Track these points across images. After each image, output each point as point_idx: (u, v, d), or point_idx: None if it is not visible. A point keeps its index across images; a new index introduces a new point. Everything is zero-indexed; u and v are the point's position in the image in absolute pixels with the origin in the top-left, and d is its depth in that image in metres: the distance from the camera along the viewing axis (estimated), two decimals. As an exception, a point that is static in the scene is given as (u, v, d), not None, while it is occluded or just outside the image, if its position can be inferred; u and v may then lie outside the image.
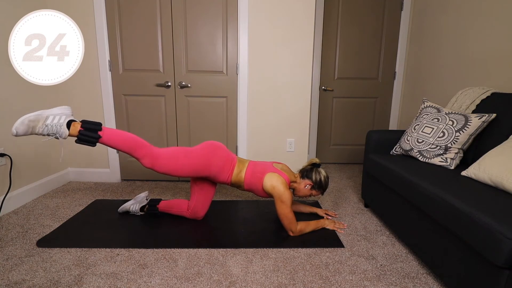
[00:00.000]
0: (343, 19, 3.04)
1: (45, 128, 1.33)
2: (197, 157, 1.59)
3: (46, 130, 1.33)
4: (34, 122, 1.30)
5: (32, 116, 1.30)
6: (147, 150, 1.52)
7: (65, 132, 1.36)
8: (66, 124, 1.37)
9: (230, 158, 1.71)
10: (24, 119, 1.28)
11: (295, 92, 2.48)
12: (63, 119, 1.36)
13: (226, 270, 1.37)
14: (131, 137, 1.50)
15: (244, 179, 1.70)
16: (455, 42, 2.36)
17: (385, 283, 1.30)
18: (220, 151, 1.67)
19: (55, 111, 1.38)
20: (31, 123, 1.30)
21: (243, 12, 2.34)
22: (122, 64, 2.43)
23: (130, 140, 1.49)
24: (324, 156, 3.38)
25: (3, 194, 1.92)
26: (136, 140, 1.51)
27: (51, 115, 1.35)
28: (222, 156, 1.67)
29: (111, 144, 1.46)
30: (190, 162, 1.57)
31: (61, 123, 1.35)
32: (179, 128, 2.55)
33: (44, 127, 1.32)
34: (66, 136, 1.37)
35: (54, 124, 1.33)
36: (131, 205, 1.89)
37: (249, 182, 1.69)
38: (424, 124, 1.77)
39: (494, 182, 1.25)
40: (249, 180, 1.69)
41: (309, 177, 1.74)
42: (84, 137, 1.39)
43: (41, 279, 1.28)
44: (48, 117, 1.34)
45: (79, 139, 1.40)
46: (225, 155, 1.69)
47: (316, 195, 1.79)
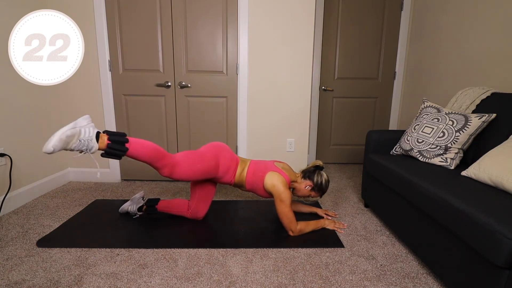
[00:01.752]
0: (343, 19, 3.04)
1: (78, 143, 1.25)
2: (208, 160, 1.60)
3: (80, 146, 1.26)
4: (70, 137, 1.22)
5: (69, 131, 1.22)
6: (168, 160, 1.47)
7: (95, 146, 1.28)
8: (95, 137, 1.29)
9: (234, 158, 1.73)
10: (61, 135, 1.19)
11: (295, 92, 2.48)
12: (92, 132, 1.29)
13: (226, 270, 1.37)
14: (155, 148, 1.44)
15: (246, 178, 1.71)
16: (455, 42, 2.36)
17: (385, 283, 1.30)
18: (226, 152, 1.70)
19: (82, 122, 1.29)
20: (68, 139, 1.21)
21: (243, 12, 2.34)
22: (122, 64, 2.43)
23: (154, 151, 1.43)
24: (324, 156, 3.38)
25: (3, 194, 1.92)
26: (159, 150, 1.45)
27: (83, 128, 1.27)
28: (228, 157, 1.69)
29: (136, 156, 1.38)
30: (203, 166, 1.57)
31: (91, 136, 1.27)
32: (179, 128, 2.55)
33: (77, 142, 1.25)
34: (96, 150, 1.29)
35: (86, 138, 1.26)
36: (129, 206, 1.88)
37: (250, 181, 1.70)
38: (424, 124, 1.77)
39: (494, 182, 1.25)
40: (251, 179, 1.69)
41: (310, 178, 1.74)
42: (113, 151, 1.32)
43: (41, 279, 1.28)
44: (81, 131, 1.26)
45: (106, 153, 1.32)
46: (230, 155, 1.71)
47: (315, 196, 1.79)
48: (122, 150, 1.33)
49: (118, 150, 1.32)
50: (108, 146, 1.31)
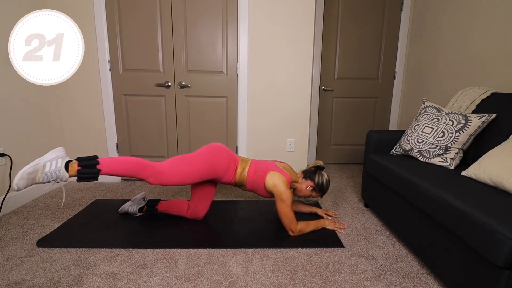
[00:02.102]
0: (343, 19, 3.04)
1: (45, 177, 1.30)
2: (200, 163, 1.59)
3: (46, 178, 1.31)
4: (33, 173, 1.28)
5: (30, 169, 1.27)
6: (150, 170, 1.48)
7: (65, 176, 1.34)
8: (64, 166, 1.34)
9: (233, 158, 1.72)
10: (22, 174, 1.25)
11: (295, 92, 2.48)
12: (60, 163, 1.34)
13: (226, 270, 1.37)
14: (131, 161, 1.46)
15: (247, 177, 1.70)
16: (455, 42, 2.36)
17: (385, 283, 1.30)
18: (223, 153, 1.68)
19: (49, 156, 1.35)
20: (30, 175, 1.27)
21: (243, 12, 2.34)
22: (122, 64, 2.43)
23: (130, 165, 1.45)
24: (324, 156, 3.38)
25: (3, 194, 1.92)
26: (136, 163, 1.47)
27: (48, 162, 1.32)
28: (226, 158, 1.67)
29: (114, 172, 1.43)
30: (194, 170, 1.56)
31: (59, 167, 1.33)
32: (179, 128, 2.55)
33: (43, 176, 1.30)
34: (67, 179, 1.35)
35: (52, 170, 1.31)
36: (129, 206, 1.88)
37: (251, 181, 1.69)
38: (424, 124, 1.77)
39: (494, 182, 1.25)
40: (252, 178, 1.69)
41: (311, 178, 1.74)
42: (85, 176, 1.37)
43: (41, 279, 1.28)
44: (45, 165, 1.31)
45: (79, 178, 1.37)
46: (228, 156, 1.69)
47: (316, 197, 1.79)
48: (94, 172, 1.38)
49: (90, 174, 1.37)
50: (78, 171, 1.36)
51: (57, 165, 1.33)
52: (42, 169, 1.30)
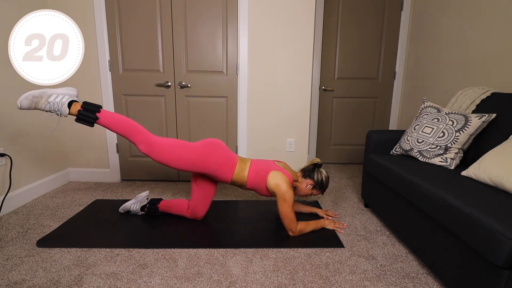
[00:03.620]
0: (343, 19, 3.04)
1: (47, 105, 1.39)
2: (194, 152, 1.59)
3: (48, 107, 1.40)
4: (37, 98, 1.37)
5: (37, 93, 1.37)
6: (144, 137, 1.54)
7: (66, 111, 1.43)
8: (67, 103, 1.43)
9: (230, 156, 1.70)
10: (28, 95, 1.35)
11: (295, 92, 2.48)
12: (66, 99, 1.43)
13: (226, 270, 1.37)
14: (129, 122, 1.54)
15: (248, 178, 1.69)
16: (455, 42, 2.36)
17: (385, 283, 1.30)
18: (220, 149, 1.67)
19: (60, 90, 1.44)
20: (35, 99, 1.36)
21: (243, 12, 2.34)
22: (122, 64, 2.43)
23: (127, 125, 1.52)
24: (324, 156, 3.38)
25: (3, 194, 1.92)
26: (134, 125, 1.54)
27: (55, 94, 1.41)
28: (222, 154, 1.66)
29: (108, 126, 1.50)
30: (185, 155, 1.57)
31: (63, 102, 1.41)
32: (179, 128, 2.55)
33: (46, 103, 1.39)
34: (67, 114, 1.44)
35: (56, 102, 1.40)
36: (132, 204, 1.89)
37: (252, 181, 1.69)
38: (424, 124, 1.77)
39: (494, 182, 1.25)
40: (253, 179, 1.68)
41: (311, 177, 1.74)
42: (82, 117, 1.45)
43: (41, 279, 1.28)
44: (52, 95, 1.40)
45: (77, 118, 1.46)
46: (224, 153, 1.68)
47: (317, 194, 1.79)
48: (92, 117, 1.46)
49: (88, 117, 1.45)
50: (78, 112, 1.45)
51: (62, 99, 1.42)
52: (47, 97, 1.40)
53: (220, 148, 1.68)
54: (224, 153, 1.68)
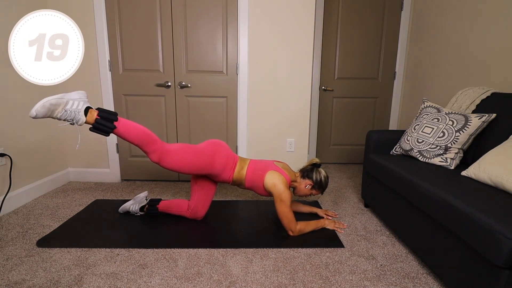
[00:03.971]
0: (343, 19, 3.04)
1: (64, 113, 1.32)
2: (201, 156, 1.60)
3: (65, 115, 1.32)
4: (55, 106, 1.29)
5: (54, 100, 1.29)
6: (158, 146, 1.51)
7: (82, 119, 1.35)
8: (84, 110, 1.36)
9: (232, 156, 1.73)
10: (45, 102, 1.26)
11: (295, 92, 2.48)
12: (81, 105, 1.35)
13: (226, 270, 1.37)
14: (145, 131, 1.49)
15: (246, 176, 1.70)
16: (455, 42, 2.36)
17: (385, 283, 1.30)
18: (224, 150, 1.69)
19: (74, 95, 1.37)
20: (52, 107, 1.28)
21: (243, 12, 2.34)
22: (122, 64, 2.43)
23: (143, 134, 1.48)
24: (324, 156, 3.38)
25: (3, 194, 1.92)
26: (149, 134, 1.50)
27: (71, 100, 1.34)
28: (225, 155, 1.68)
29: (125, 136, 1.44)
30: (195, 161, 1.58)
31: (79, 109, 1.34)
32: (179, 128, 2.55)
33: (63, 111, 1.32)
34: (83, 123, 1.36)
35: (73, 110, 1.33)
36: (131, 205, 1.89)
37: (250, 180, 1.69)
38: (424, 124, 1.77)
39: (494, 182, 1.25)
40: (251, 177, 1.69)
41: (309, 177, 1.74)
42: (100, 126, 1.38)
43: (41, 279, 1.28)
44: (68, 102, 1.33)
45: (94, 127, 1.38)
46: (228, 153, 1.71)
47: (316, 194, 1.79)
48: (109, 127, 1.38)
49: (105, 126, 1.38)
50: (96, 121, 1.37)
51: (78, 106, 1.34)
52: (64, 105, 1.32)
53: (223, 148, 1.70)
54: (227, 153, 1.70)
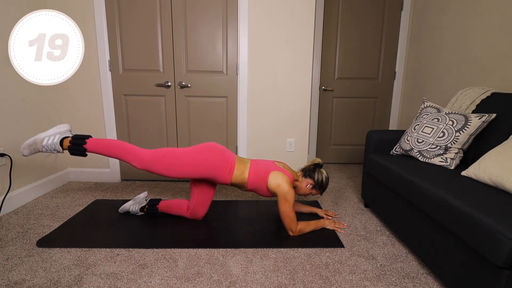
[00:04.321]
0: (343, 19, 3.04)
1: (43, 148, 1.56)
2: (188, 159, 1.59)
3: (45, 150, 1.56)
4: (33, 145, 1.55)
5: (30, 141, 1.54)
6: (134, 154, 1.59)
7: (60, 149, 1.59)
8: (59, 142, 1.58)
9: (226, 159, 1.66)
10: (25, 145, 1.54)
11: (295, 92, 2.48)
12: (57, 138, 1.57)
13: (226, 270, 1.37)
14: (117, 144, 1.61)
15: (248, 179, 1.68)
16: (455, 42, 2.36)
17: (385, 283, 1.30)
18: (215, 153, 1.64)
19: (50, 132, 1.59)
20: (31, 147, 1.54)
21: (243, 12, 2.34)
22: (122, 64, 2.43)
23: (116, 147, 1.60)
24: (324, 156, 3.38)
25: (3, 194, 1.92)
26: (121, 146, 1.60)
27: (46, 137, 1.56)
28: (216, 157, 1.63)
29: (99, 152, 1.60)
30: (180, 163, 1.58)
31: (54, 142, 1.56)
32: (179, 128, 2.55)
33: (41, 147, 1.56)
34: (62, 151, 1.61)
35: (49, 144, 1.55)
36: (131, 205, 1.89)
37: (253, 182, 1.68)
38: (424, 124, 1.77)
39: (494, 182, 1.25)
40: (253, 180, 1.68)
41: (311, 176, 1.74)
42: (73, 151, 1.58)
43: (41, 279, 1.28)
44: (43, 139, 1.56)
45: (70, 153, 1.60)
46: (220, 156, 1.64)
47: (315, 194, 1.80)
48: (81, 150, 1.58)
49: (77, 150, 1.58)
50: (68, 147, 1.58)
51: (53, 141, 1.57)
52: (41, 142, 1.56)
53: (214, 151, 1.65)
54: (219, 157, 1.64)
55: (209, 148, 1.65)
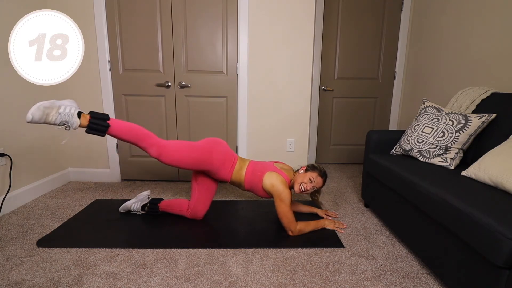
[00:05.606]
0: (343, 19, 3.04)
1: (58, 116, 1.37)
2: (199, 150, 1.63)
3: (59, 119, 1.38)
4: (49, 109, 1.35)
5: (47, 103, 1.35)
6: (153, 140, 1.57)
7: (76, 122, 1.41)
8: (76, 114, 1.42)
9: (231, 154, 1.75)
10: (40, 105, 1.32)
11: (295, 92, 2.48)
12: (74, 110, 1.42)
13: (226, 270, 1.37)
14: (138, 128, 1.56)
15: (245, 177, 1.71)
16: (455, 42, 2.36)
17: (385, 283, 1.30)
18: (222, 147, 1.72)
19: (66, 102, 1.44)
20: (46, 110, 1.34)
21: (243, 12, 2.34)
22: (122, 64, 2.43)
23: (137, 131, 1.54)
24: (324, 156, 3.38)
25: (3, 194, 1.92)
26: (143, 131, 1.56)
27: (63, 105, 1.41)
28: (223, 151, 1.71)
29: (119, 134, 1.50)
30: (193, 155, 1.61)
31: (72, 113, 1.41)
32: (179, 128, 2.55)
33: (57, 115, 1.37)
34: (77, 126, 1.42)
35: (66, 113, 1.39)
36: (133, 203, 1.89)
37: (249, 181, 1.70)
38: (424, 124, 1.77)
39: (494, 182, 1.25)
40: (250, 178, 1.69)
41: (302, 167, 1.76)
42: (94, 126, 1.44)
43: (41, 279, 1.28)
44: (61, 106, 1.40)
45: (89, 128, 1.44)
46: (226, 150, 1.73)
47: (317, 183, 1.67)
48: (104, 125, 1.46)
49: (99, 125, 1.45)
50: (89, 121, 1.44)
51: (70, 111, 1.41)
52: (58, 108, 1.38)
53: (221, 145, 1.73)
54: (225, 150, 1.73)
55: (217, 141, 1.74)
